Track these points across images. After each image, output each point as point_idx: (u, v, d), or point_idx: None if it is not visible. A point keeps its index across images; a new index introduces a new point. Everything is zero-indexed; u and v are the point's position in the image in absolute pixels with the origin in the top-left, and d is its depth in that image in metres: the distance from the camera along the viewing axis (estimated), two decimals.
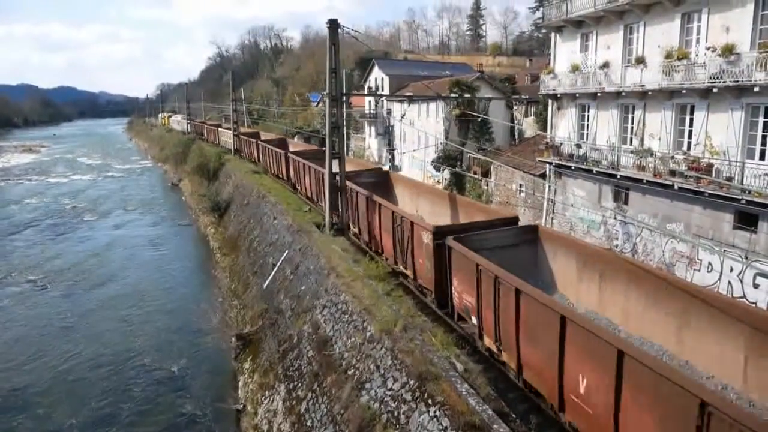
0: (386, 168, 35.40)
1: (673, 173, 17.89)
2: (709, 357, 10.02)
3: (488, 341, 12.64)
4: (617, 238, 21.38)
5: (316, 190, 27.31)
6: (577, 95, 23.03)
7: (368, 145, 54.25)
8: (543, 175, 25.65)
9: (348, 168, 23.73)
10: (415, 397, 10.64)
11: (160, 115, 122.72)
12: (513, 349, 11.37)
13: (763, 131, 15.76)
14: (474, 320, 13.16)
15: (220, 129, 63.71)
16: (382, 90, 50.88)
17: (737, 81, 15.61)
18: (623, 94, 20.25)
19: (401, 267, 17.69)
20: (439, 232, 14.91)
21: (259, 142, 45.00)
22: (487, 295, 12.12)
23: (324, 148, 24.60)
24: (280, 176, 36.50)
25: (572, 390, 9.49)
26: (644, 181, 18.92)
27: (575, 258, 13.81)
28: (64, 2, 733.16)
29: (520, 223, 16.42)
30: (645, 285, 11.58)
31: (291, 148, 39.35)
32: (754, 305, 14.49)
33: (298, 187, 32.20)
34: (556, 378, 9.82)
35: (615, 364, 8.21)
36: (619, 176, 20.21)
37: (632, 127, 20.64)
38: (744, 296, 15.83)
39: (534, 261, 14.89)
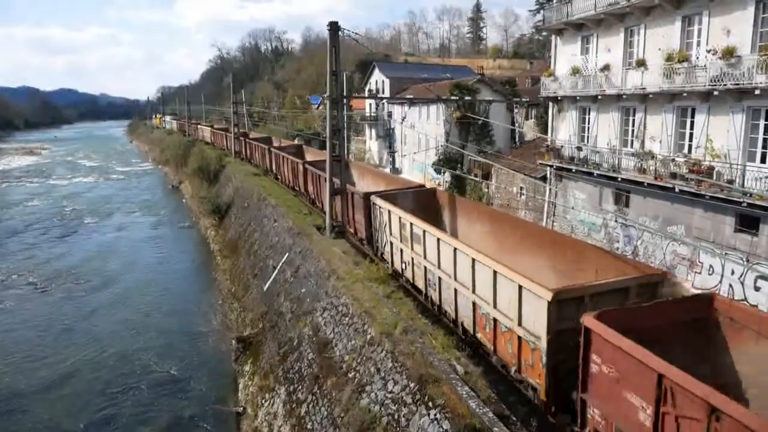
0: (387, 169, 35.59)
1: (674, 176, 17.89)
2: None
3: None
4: (618, 241, 21.36)
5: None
6: (577, 98, 23.05)
7: (369, 147, 54.29)
8: (543, 178, 25.63)
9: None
10: (415, 399, 10.60)
11: (155, 116, 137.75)
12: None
13: (764, 134, 15.78)
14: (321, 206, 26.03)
15: (199, 126, 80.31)
16: (383, 92, 50.92)
17: (738, 84, 15.63)
18: (624, 96, 20.26)
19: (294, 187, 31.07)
20: (307, 163, 28.99)
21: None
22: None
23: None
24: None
25: (346, 220, 22.12)
26: (645, 184, 18.91)
27: (359, 172, 28.62)
28: (64, 4, 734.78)
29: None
30: (381, 179, 25.47)
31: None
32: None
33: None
34: (352, 222, 21.66)
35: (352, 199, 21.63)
36: (619, 179, 20.20)
37: (633, 130, 20.64)
38: (745, 299, 15.81)
39: (347, 175, 26.18)
